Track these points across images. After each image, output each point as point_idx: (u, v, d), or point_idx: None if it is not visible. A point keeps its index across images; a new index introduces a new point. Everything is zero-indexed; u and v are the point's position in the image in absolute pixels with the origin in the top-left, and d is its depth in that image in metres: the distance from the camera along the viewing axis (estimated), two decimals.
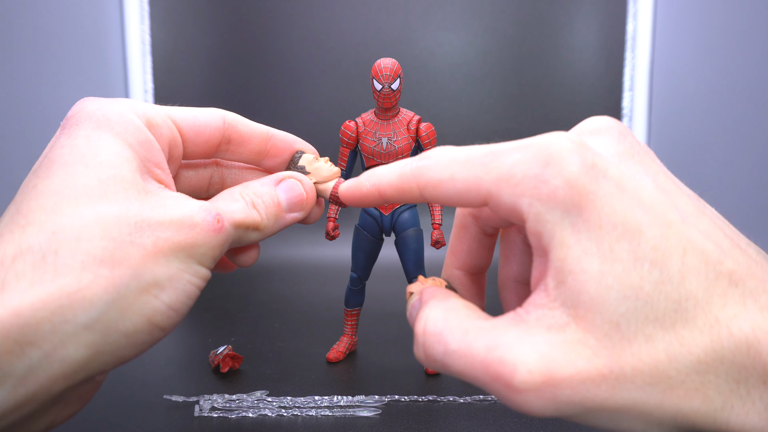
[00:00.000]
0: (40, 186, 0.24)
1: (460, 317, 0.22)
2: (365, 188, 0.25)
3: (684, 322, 0.19)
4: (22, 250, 0.22)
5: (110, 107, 0.26)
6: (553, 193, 0.20)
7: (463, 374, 0.21)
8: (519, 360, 0.19)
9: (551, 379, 0.19)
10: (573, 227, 0.20)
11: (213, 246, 0.26)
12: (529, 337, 0.20)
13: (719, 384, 0.19)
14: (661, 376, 0.19)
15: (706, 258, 0.20)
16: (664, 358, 0.19)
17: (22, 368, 0.21)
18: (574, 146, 0.21)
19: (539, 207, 0.20)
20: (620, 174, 0.21)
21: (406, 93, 0.89)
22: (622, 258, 0.19)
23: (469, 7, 0.95)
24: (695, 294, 0.19)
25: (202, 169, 0.33)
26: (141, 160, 0.26)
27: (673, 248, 0.20)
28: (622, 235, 0.20)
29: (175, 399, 0.46)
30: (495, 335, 0.20)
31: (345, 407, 0.45)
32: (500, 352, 0.20)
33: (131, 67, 0.96)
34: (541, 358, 0.19)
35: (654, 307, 0.19)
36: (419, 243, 0.53)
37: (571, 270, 0.20)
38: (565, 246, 0.20)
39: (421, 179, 0.23)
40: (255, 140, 0.31)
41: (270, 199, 0.29)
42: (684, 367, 0.19)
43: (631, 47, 0.94)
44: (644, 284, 0.19)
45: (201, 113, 0.30)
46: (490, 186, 0.21)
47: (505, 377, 0.19)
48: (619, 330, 0.19)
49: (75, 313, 0.22)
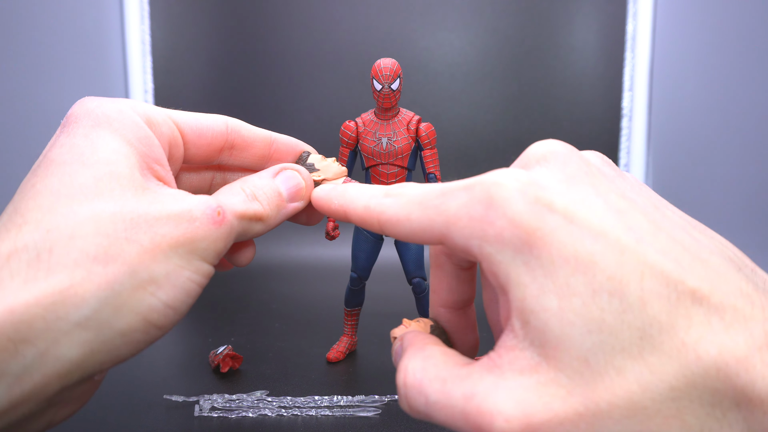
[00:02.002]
0: (39, 185, 0.24)
1: (437, 366, 0.22)
2: (334, 206, 0.26)
3: (651, 349, 0.19)
4: (18, 249, 0.22)
5: (110, 105, 0.26)
6: (499, 234, 0.20)
7: (447, 425, 0.21)
8: (496, 409, 0.19)
9: (529, 425, 0.19)
10: (526, 266, 0.20)
11: (215, 239, 0.25)
12: (504, 383, 0.20)
13: (694, 408, 0.19)
14: (636, 407, 0.18)
15: (666, 279, 0.19)
16: (637, 389, 0.18)
17: (17, 367, 0.21)
18: (517, 183, 0.21)
19: (489, 248, 0.20)
20: (566, 204, 0.20)
21: (406, 93, 0.89)
22: (579, 292, 0.19)
23: (469, 7, 0.95)
24: (658, 319, 0.19)
25: (203, 171, 0.33)
26: (140, 156, 0.26)
27: (630, 275, 0.19)
28: (576, 268, 0.19)
29: (175, 399, 0.46)
30: (471, 383, 0.20)
31: (345, 407, 0.45)
32: (477, 401, 0.20)
33: (131, 67, 0.96)
34: (517, 404, 0.19)
35: (619, 337, 0.19)
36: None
37: (532, 309, 0.20)
38: (521, 285, 0.20)
39: (382, 216, 0.24)
40: (258, 145, 0.31)
41: (270, 190, 0.29)
42: (658, 395, 0.18)
43: (631, 47, 0.94)
44: (605, 316, 0.19)
45: (203, 117, 0.30)
46: (441, 228, 0.22)
47: (484, 427, 0.19)
48: (589, 365, 0.19)
49: (68, 311, 0.22)
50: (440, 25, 0.96)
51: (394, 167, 0.51)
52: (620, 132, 0.96)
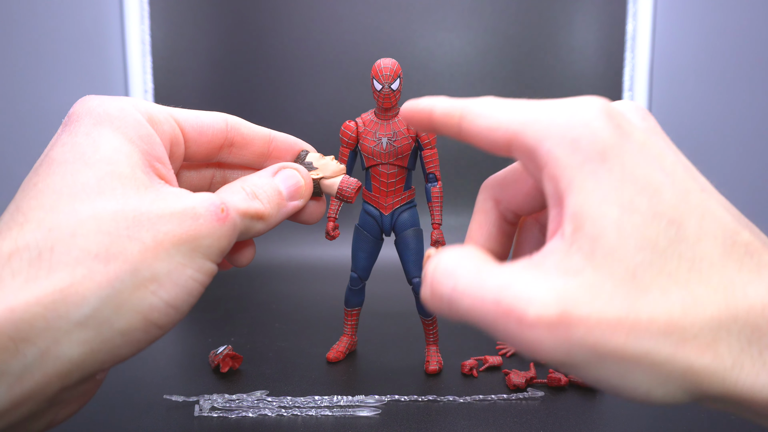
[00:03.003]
0: (40, 184, 0.24)
1: (473, 259, 0.21)
2: (421, 105, 0.26)
3: (698, 281, 0.19)
4: (19, 248, 0.22)
5: (111, 103, 0.26)
6: (577, 140, 0.21)
7: (471, 312, 0.20)
8: (534, 295, 0.19)
9: (567, 315, 0.18)
10: (594, 174, 0.20)
11: (218, 237, 0.25)
12: (545, 278, 0.19)
13: (731, 342, 0.19)
14: (675, 327, 0.19)
15: (724, 226, 0.20)
16: (679, 310, 0.19)
17: (18, 366, 0.21)
18: (605, 107, 0.22)
19: (561, 151, 0.21)
20: (644, 140, 0.21)
21: (406, 93, 0.89)
22: (641, 211, 0.20)
23: (469, 7, 0.95)
24: (710, 256, 0.20)
25: (203, 169, 0.33)
26: (142, 154, 0.26)
27: (691, 212, 0.20)
28: (642, 189, 0.20)
29: (175, 399, 0.46)
30: (509, 275, 0.20)
31: (345, 407, 0.45)
32: (514, 289, 0.19)
33: (131, 67, 0.96)
34: (557, 295, 0.19)
35: (668, 262, 0.19)
36: (419, 243, 0.53)
37: (590, 215, 0.20)
38: (584, 191, 0.20)
39: (465, 108, 0.24)
40: (257, 143, 0.31)
41: (271, 189, 0.29)
42: (698, 321, 0.19)
43: (631, 47, 0.94)
44: (660, 240, 0.19)
45: (204, 115, 0.30)
46: (518, 126, 0.22)
47: (517, 311, 0.19)
48: (635, 279, 0.19)
49: (68, 310, 0.22)
50: (440, 25, 0.95)
51: (394, 167, 0.51)
52: None
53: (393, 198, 0.52)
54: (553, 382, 0.49)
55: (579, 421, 0.43)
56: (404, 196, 0.52)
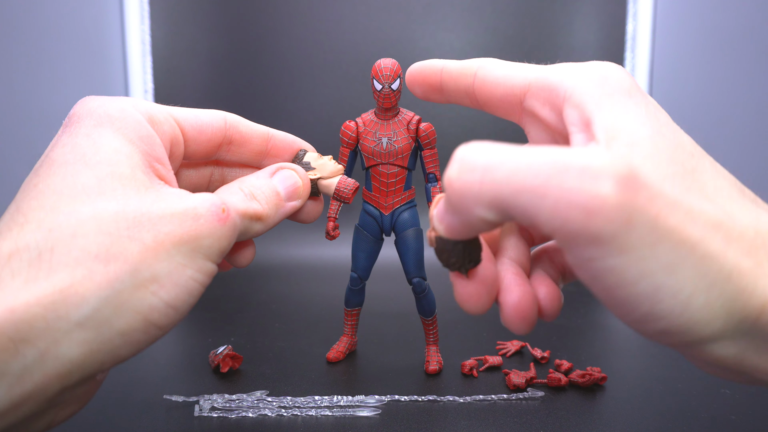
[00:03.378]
0: (41, 185, 0.24)
1: (506, 145, 0.19)
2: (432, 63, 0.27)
3: (724, 201, 0.20)
4: (19, 248, 0.22)
5: (111, 104, 0.26)
6: (605, 77, 0.22)
7: (512, 178, 0.17)
8: (597, 151, 0.19)
9: (635, 173, 0.18)
10: (621, 104, 0.21)
11: (219, 237, 0.25)
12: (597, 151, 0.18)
13: (767, 253, 0.20)
14: (721, 223, 0.19)
15: (730, 177, 0.22)
16: (721, 212, 0.19)
17: (18, 367, 0.21)
18: (621, 67, 0.23)
19: (588, 84, 0.22)
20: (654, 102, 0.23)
21: (406, 93, 0.89)
22: (668, 137, 0.21)
23: (469, 7, 0.95)
24: (729, 192, 0.21)
25: (202, 167, 0.33)
26: (142, 155, 0.26)
27: (704, 156, 0.22)
28: (665, 124, 0.21)
29: (175, 399, 0.46)
30: (552, 149, 0.18)
31: (345, 407, 0.45)
32: (566, 154, 0.17)
33: (131, 67, 0.96)
34: (620, 155, 0.19)
35: (696, 184, 0.20)
36: (419, 243, 0.53)
37: (624, 128, 0.20)
38: (615, 111, 0.21)
39: (483, 61, 0.25)
40: (255, 141, 0.31)
41: (269, 190, 0.29)
42: (739, 224, 0.19)
43: (631, 47, 0.94)
44: (686, 164, 0.20)
45: (203, 114, 0.30)
46: (538, 72, 0.23)
47: (580, 162, 0.17)
48: (676, 180, 0.20)
49: (68, 310, 0.22)
50: (440, 25, 0.95)
51: (395, 167, 0.51)
52: None
53: (393, 198, 0.52)
54: (553, 382, 0.49)
55: (579, 421, 0.43)
56: (404, 196, 0.52)
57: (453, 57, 0.98)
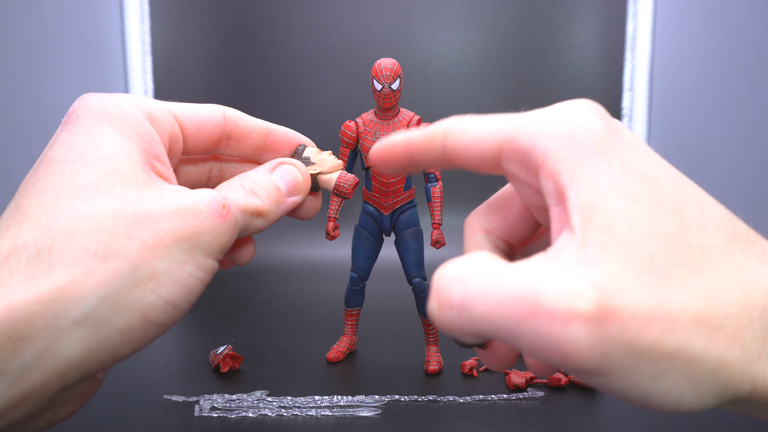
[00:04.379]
0: (40, 184, 0.24)
1: (484, 261, 0.19)
2: (395, 139, 0.26)
3: (711, 268, 0.19)
4: (17, 247, 0.22)
5: (110, 101, 0.26)
6: (573, 133, 0.20)
7: (488, 317, 0.18)
8: (564, 286, 0.17)
9: (604, 307, 0.17)
10: (594, 167, 0.20)
11: (220, 234, 0.25)
12: (568, 269, 0.18)
13: (755, 330, 0.19)
14: (703, 316, 0.18)
15: (721, 216, 0.20)
16: (702, 298, 0.18)
17: (17, 366, 0.21)
18: (593, 106, 0.22)
19: (558, 146, 0.20)
20: (632, 138, 0.21)
21: (406, 93, 0.89)
22: (645, 200, 0.19)
23: (469, 7, 0.95)
24: (716, 244, 0.20)
25: (201, 163, 0.33)
26: (141, 152, 0.26)
27: (690, 201, 0.20)
28: (642, 180, 0.20)
29: (175, 399, 0.46)
30: (528, 270, 0.18)
31: (345, 407, 0.45)
32: (539, 282, 0.17)
33: (131, 67, 0.96)
34: (590, 284, 0.17)
35: (680, 251, 0.19)
36: (419, 243, 0.53)
37: (598, 206, 0.19)
38: (587, 183, 0.20)
39: (448, 126, 0.24)
40: (255, 135, 0.31)
41: (269, 185, 0.29)
42: (721, 309, 0.18)
43: (631, 47, 0.94)
44: (667, 228, 0.19)
45: (202, 109, 0.30)
46: (508, 132, 0.22)
47: (546, 306, 0.17)
48: (654, 267, 0.18)
49: (66, 308, 0.22)
50: (440, 25, 0.95)
51: None
52: None
53: (393, 198, 0.52)
54: (553, 382, 0.49)
55: (579, 421, 0.43)
56: (404, 196, 0.52)
57: (453, 57, 0.98)
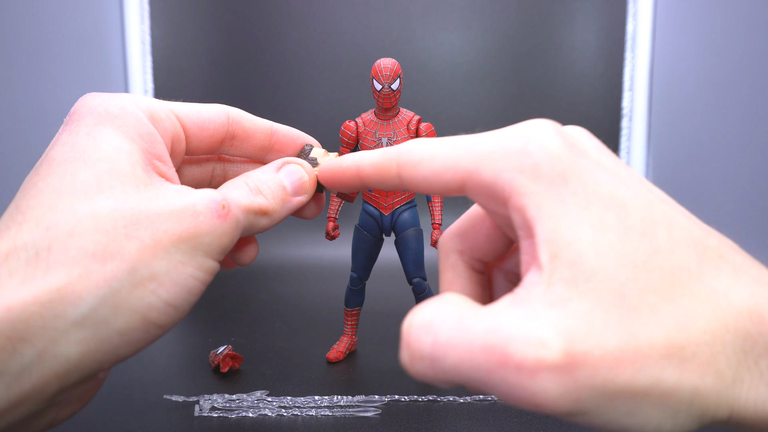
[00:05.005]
0: (40, 184, 0.24)
1: (452, 306, 0.19)
2: (345, 165, 0.25)
3: (682, 293, 0.18)
4: (17, 247, 0.22)
5: (112, 101, 0.26)
6: (536, 164, 0.20)
7: (459, 368, 0.18)
8: (529, 335, 0.17)
9: (571, 354, 0.17)
10: (560, 198, 0.19)
11: (220, 234, 0.25)
12: (535, 313, 0.18)
13: (728, 355, 0.18)
14: (674, 347, 0.18)
15: (691, 233, 0.20)
16: (673, 327, 0.18)
17: (16, 366, 0.21)
18: (555, 128, 0.21)
19: (522, 179, 0.20)
20: (598, 156, 0.21)
21: (406, 93, 0.89)
22: (612, 227, 0.19)
23: (469, 7, 0.95)
24: (687, 265, 0.19)
25: (204, 163, 0.32)
26: (142, 152, 0.25)
27: (658, 221, 0.19)
28: (609, 206, 0.19)
29: (175, 399, 0.46)
30: (495, 317, 0.18)
31: (345, 407, 0.45)
32: (505, 331, 0.17)
33: (131, 67, 0.96)
34: (556, 330, 0.17)
35: (651, 277, 0.18)
36: (419, 243, 0.53)
37: (564, 240, 0.19)
38: (554, 217, 0.19)
39: (402, 157, 0.22)
40: (259, 135, 0.31)
41: (275, 184, 0.29)
42: (693, 337, 0.18)
43: (631, 47, 0.94)
44: (637, 254, 0.19)
45: (205, 109, 0.30)
46: (469, 164, 0.21)
47: (514, 357, 0.17)
48: (624, 300, 0.18)
49: (65, 309, 0.21)
50: (440, 25, 0.95)
51: None
52: (620, 132, 0.96)
53: (393, 198, 0.52)
54: None
55: None
56: (404, 196, 0.52)
57: (453, 57, 0.97)
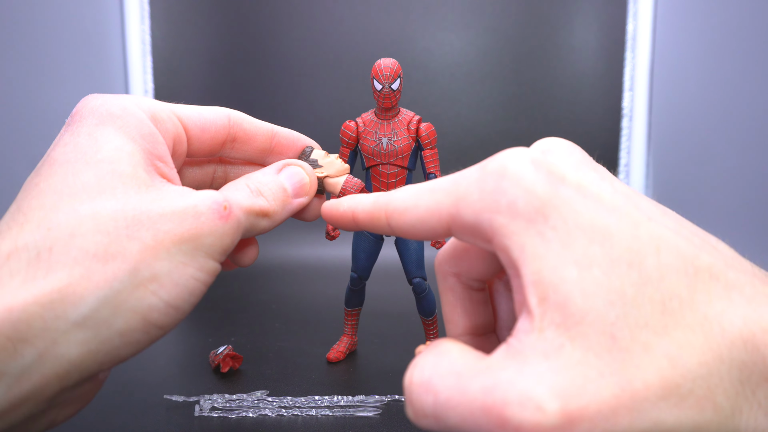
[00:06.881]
0: (42, 185, 0.24)
1: (451, 360, 0.19)
2: (342, 208, 0.25)
3: (674, 324, 0.18)
4: (18, 248, 0.22)
5: (114, 102, 0.26)
6: (513, 203, 0.19)
7: (462, 426, 0.18)
8: (524, 398, 0.17)
9: (568, 413, 0.17)
10: (541, 236, 0.19)
11: (221, 235, 0.25)
12: (529, 368, 0.18)
13: (725, 387, 0.18)
14: (670, 386, 0.17)
15: (681, 254, 0.19)
16: (667, 365, 0.17)
17: (16, 367, 0.21)
18: (529, 157, 0.20)
19: (501, 219, 0.19)
20: (578, 178, 0.20)
21: (406, 93, 0.89)
22: (598, 262, 0.18)
23: (469, 7, 0.95)
24: (678, 292, 0.18)
25: (205, 165, 0.33)
26: (144, 153, 0.25)
27: (646, 247, 0.19)
28: (592, 239, 0.19)
29: (175, 399, 0.46)
30: (491, 374, 0.18)
31: (345, 407, 0.45)
32: (501, 392, 0.17)
33: (131, 67, 0.96)
34: (550, 390, 0.17)
35: (641, 311, 0.18)
36: (420, 243, 0.53)
37: (550, 281, 0.18)
38: (537, 257, 0.19)
39: (389, 206, 0.23)
40: (260, 138, 0.31)
41: (276, 186, 0.29)
42: (688, 372, 0.17)
43: (631, 47, 0.94)
44: (626, 288, 0.18)
45: (206, 111, 0.30)
46: (450, 208, 0.21)
47: (513, 421, 0.17)
48: (616, 341, 0.18)
49: (66, 310, 0.21)
50: (440, 25, 0.95)
51: (395, 167, 0.51)
52: (620, 132, 0.96)
53: None
54: None
55: None
56: None
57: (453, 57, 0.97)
